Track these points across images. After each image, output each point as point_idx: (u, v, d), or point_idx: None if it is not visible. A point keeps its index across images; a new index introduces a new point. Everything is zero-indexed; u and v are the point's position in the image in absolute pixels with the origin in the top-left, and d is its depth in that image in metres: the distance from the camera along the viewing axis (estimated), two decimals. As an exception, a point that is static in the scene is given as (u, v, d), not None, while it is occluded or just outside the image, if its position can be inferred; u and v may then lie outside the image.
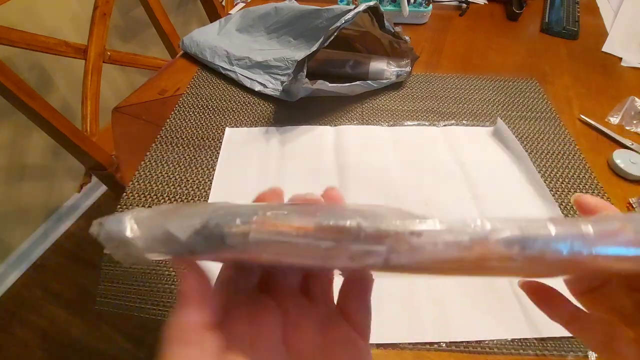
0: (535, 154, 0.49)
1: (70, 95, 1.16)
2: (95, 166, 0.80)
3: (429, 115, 0.55)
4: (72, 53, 0.79)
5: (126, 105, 0.59)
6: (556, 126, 0.53)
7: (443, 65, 0.66)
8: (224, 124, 0.54)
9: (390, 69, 0.58)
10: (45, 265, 1.23)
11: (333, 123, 0.54)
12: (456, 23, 0.78)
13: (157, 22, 0.94)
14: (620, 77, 0.63)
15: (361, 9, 0.51)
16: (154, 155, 0.50)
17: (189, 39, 0.68)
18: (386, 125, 0.54)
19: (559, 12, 0.78)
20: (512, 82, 0.61)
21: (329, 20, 0.60)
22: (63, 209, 1.30)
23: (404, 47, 0.59)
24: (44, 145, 1.15)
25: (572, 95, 0.59)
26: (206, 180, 0.47)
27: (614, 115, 0.55)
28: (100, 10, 0.81)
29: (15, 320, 1.11)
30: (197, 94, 0.60)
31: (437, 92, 0.59)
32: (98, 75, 0.82)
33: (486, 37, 0.73)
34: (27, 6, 0.99)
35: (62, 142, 0.76)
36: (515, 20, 0.79)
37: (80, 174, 1.10)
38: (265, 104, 0.58)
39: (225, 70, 0.63)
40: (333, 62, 0.59)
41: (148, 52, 1.29)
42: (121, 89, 1.32)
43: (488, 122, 0.54)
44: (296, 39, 0.65)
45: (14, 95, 0.65)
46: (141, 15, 1.00)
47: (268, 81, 0.60)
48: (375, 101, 0.58)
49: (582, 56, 0.68)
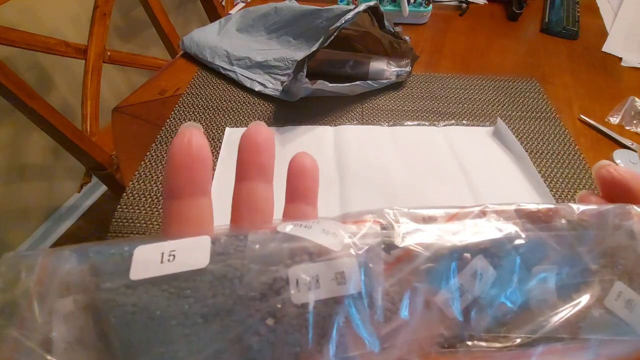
0: (535, 154, 0.49)
1: (70, 95, 1.16)
2: (95, 166, 0.80)
3: (429, 115, 0.55)
4: (72, 53, 0.79)
5: (126, 105, 0.59)
6: (556, 126, 0.53)
7: (443, 65, 0.66)
8: (224, 124, 0.54)
9: (390, 69, 0.58)
10: (45, 265, 1.23)
11: (333, 123, 0.54)
12: (456, 23, 0.78)
13: (157, 22, 0.94)
14: (620, 77, 0.63)
15: (361, 9, 0.51)
16: (154, 155, 0.50)
17: (189, 39, 0.68)
18: (386, 125, 0.54)
19: (559, 12, 0.78)
20: (512, 82, 0.61)
21: (329, 20, 0.60)
22: (63, 209, 1.30)
23: (404, 47, 0.59)
24: (44, 145, 1.15)
25: (572, 95, 0.59)
26: (206, 180, 0.47)
27: (614, 115, 0.55)
28: (100, 10, 0.81)
29: (15, 320, 1.11)
30: (197, 94, 0.60)
31: (437, 92, 0.59)
32: (98, 75, 0.82)
33: (486, 37, 0.73)
34: (27, 6, 0.99)
35: (62, 142, 0.76)
36: (515, 20, 0.79)
37: (80, 174, 1.10)
38: (265, 104, 0.58)
39: (225, 70, 0.63)
40: (333, 62, 0.59)
41: (148, 52, 1.29)
42: (121, 89, 1.32)
43: (488, 122, 0.54)
44: (296, 39, 0.65)
45: (14, 95, 0.65)
46: (141, 15, 1.00)
47: (268, 81, 0.60)
48: (375, 101, 0.58)
49: (582, 56, 0.68)
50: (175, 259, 0.12)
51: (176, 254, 0.12)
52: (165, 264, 0.12)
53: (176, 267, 0.12)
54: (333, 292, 0.12)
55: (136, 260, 0.12)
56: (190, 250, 0.12)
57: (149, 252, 0.12)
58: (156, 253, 0.12)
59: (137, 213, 0.44)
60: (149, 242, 0.12)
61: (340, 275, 0.12)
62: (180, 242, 0.12)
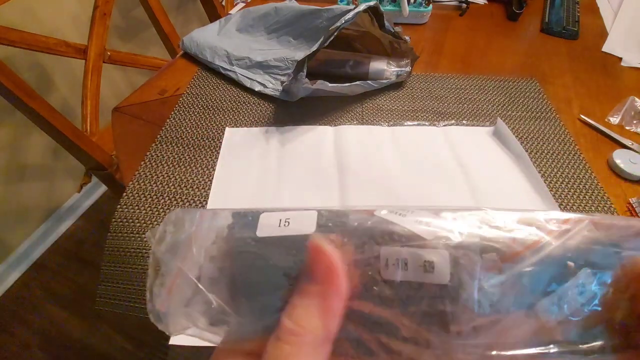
0: (535, 154, 0.49)
1: (70, 95, 1.16)
2: (95, 166, 0.80)
3: (429, 115, 0.55)
4: (72, 53, 0.79)
5: (126, 105, 0.59)
6: (556, 126, 0.53)
7: (443, 65, 0.66)
8: (224, 124, 0.54)
9: (390, 69, 0.58)
10: (45, 265, 1.23)
11: (333, 123, 0.54)
12: (456, 23, 0.78)
13: (157, 22, 0.94)
14: (620, 77, 0.63)
15: (361, 9, 0.51)
16: (154, 155, 0.50)
17: (189, 39, 0.68)
18: (386, 125, 0.54)
19: (559, 12, 0.78)
20: (512, 82, 0.61)
21: (329, 20, 0.60)
22: (63, 209, 1.31)
23: (404, 47, 0.59)
24: (44, 145, 1.15)
25: (572, 95, 0.59)
26: (206, 180, 0.47)
27: (614, 115, 0.55)
28: (100, 10, 0.81)
29: (15, 320, 1.11)
30: (197, 94, 0.60)
31: (437, 92, 0.59)
32: (98, 75, 0.82)
33: (486, 37, 0.73)
34: (27, 6, 0.99)
35: (62, 142, 0.76)
36: (515, 20, 0.79)
37: (80, 174, 1.10)
38: (265, 104, 0.58)
39: (225, 70, 0.63)
40: (333, 62, 0.59)
41: (148, 52, 1.29)
42: (121, 89, 1.32)
43: (488, 122, 0.54)
44: (296, 39, 0.65)
45: (14, 95, 0.65)
46: (141, 15, 1.00)
47: (268, 81, 0.60)
48: (375, 101, 0.58)
49: (582, 56, 0.68)
50: (289, 225, 0.15)
51: (290, 221, 0.15)
52: (282, 227, 0.15)
53: (289, 231, 0.15)
54: (420, 278, 0.13)
55: (261, 223, 0.15)
56: (301, 220, 0.15)
57: (271, 218, 0.16)
58: (276, 219, 0.15)
59: (137, 213, 0.44)
60: (272, 210, 0.16)
61: (429, 264, 0.13)
62: (294, 213, 0.16)
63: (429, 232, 0.14)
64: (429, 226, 0.14)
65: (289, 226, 0.15)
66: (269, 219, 0.15)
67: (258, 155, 0.50)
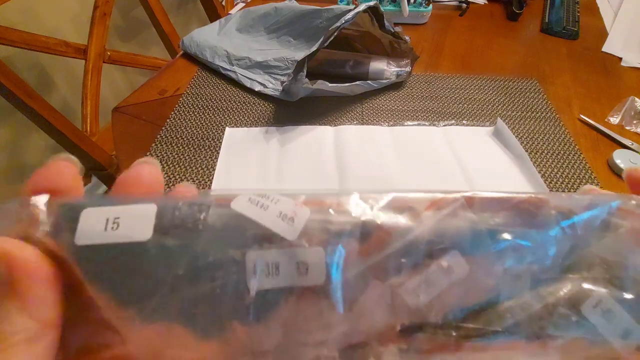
0: (535, 154, 0.49)
1: (70, 95, 1.16)
2: (95, 166, 0.80)
3: (429, 115, 0.55)
4: (72, 53, 0.79)
5: (126, 105, 0.59)
6: (556, 126, 0.53)
7: (443, 65, 0.66)
8: (224, 124, 0.54)
9: (390, 69, 0.58)
10: (45, 265, 1.23)
11: (333, 123, 0.54)
12: (456, 23, 0.78)
13: (157, 22, 0.94)
14: (620, 77, 0.63)
15: (361, 9, 0.51)
16: (154, 155, 0.50)
17: (189, 39, 0.68)
18: (386, 125, 0.54)
19: (559, 12, 0.78)
20: (512, 82, 0.61)
21: (329, 20, 0.60)
22: (63, 209, 1.30)
23: (404, 47, 0.59)
24: (44, 145, 1.15)
25: (572, 95, 0.59)
26: (206, 180, 0.47)
27: (614, 115, 0.55)
28: (100, 10, 0.81)
29: (15, 320, 1.11)
30: (197, 94, 0.60)
31: (437, 92, 0.59)
32: (98, 75, 0.83)
33: (486, 37, 0.73)
34: (27, 6, 0.99)
35: (62, 142, 0.76)
36: (515, 20, 0.79)
37: (80, 174, 1.10)
38: (265, 104, 0.58)
39: (225, 70, 0.63)
40: (333, 62, 0.59)
41: (148, 52, 1.28)
42: (121, 89, 1.32)
43: (488, 122, 0.54)
44: (296, 39, 0.65)
45: (14, 95, 0.65)
46: (141, 15, 1.00)
47: (268, 81, 0.60)
48: (375, 101, 0.58)
49: (582, 56, 0.68)
50: (119, 227, 0.12)
51: (120, 222, 0.12)
52: (108, 232, 0.12)
53: (116, 237, 0.12)
54: (294, 282, 0.12)
55: (81, 225, 0.12)
56: (134, 220, 0.12)
57: (95, 217, 0.12)
58: (101, 219, 0.12)
59: (137, 213, 0.43)
60: (99, 203, 0.12)
61: (303, 265, 0.12)
62: (126, 209, 0.12)
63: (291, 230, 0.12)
64: (293, 221, 0.12)
65: (117, 230, 0.12)
66: (92, 218, 0.12)
67: (258, 155, 0.50)
